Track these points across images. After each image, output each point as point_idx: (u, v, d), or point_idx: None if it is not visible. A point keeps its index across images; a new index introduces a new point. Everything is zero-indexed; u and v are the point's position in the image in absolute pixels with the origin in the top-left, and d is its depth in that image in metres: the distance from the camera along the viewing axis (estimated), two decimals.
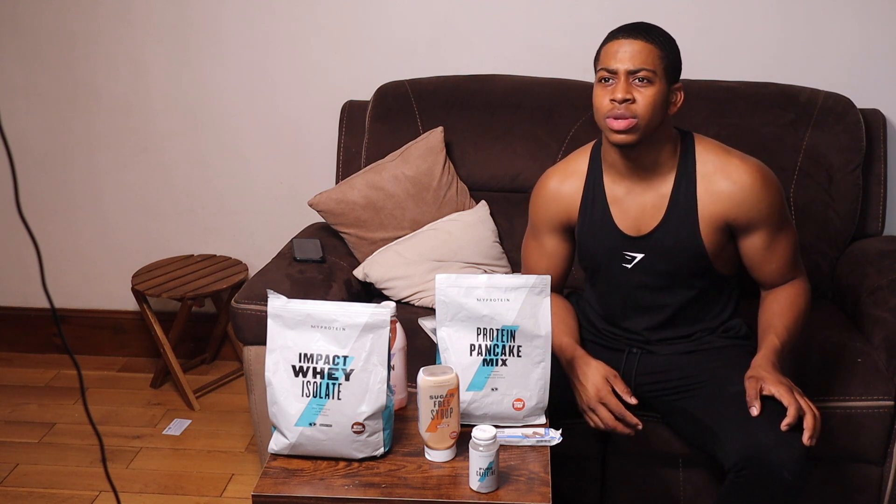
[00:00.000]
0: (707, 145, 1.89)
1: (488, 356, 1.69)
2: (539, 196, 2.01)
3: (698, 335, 1.96)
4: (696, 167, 1.86)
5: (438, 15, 2.77)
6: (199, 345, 3.17)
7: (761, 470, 1.67)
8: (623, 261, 1.92)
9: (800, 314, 1.89)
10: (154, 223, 3.10)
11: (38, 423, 2.82)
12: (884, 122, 2.51)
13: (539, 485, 1.56)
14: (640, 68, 1.75)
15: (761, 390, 1.72)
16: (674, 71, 1.81)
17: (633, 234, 1.90)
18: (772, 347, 1.81)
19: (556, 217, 1.98)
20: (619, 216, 1.91)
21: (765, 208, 1.84)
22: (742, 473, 1.70)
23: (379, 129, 2.63)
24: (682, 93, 1.85)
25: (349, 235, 2.53)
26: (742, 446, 1.70)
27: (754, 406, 1.71)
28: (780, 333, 1.84)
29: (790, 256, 1.91)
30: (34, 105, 3.01)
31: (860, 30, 2.60)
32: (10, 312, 3.24)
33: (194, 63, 2.91)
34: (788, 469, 1.65)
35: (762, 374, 1.75)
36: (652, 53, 1.76)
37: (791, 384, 1.74)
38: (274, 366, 1.62)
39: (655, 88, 1.76)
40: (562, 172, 1.99)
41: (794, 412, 1.67)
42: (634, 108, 1.75)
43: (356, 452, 1.61)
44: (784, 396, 1.69)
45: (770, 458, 1.66)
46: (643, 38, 1.76)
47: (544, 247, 2.02)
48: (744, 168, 1.84)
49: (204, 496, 2.46)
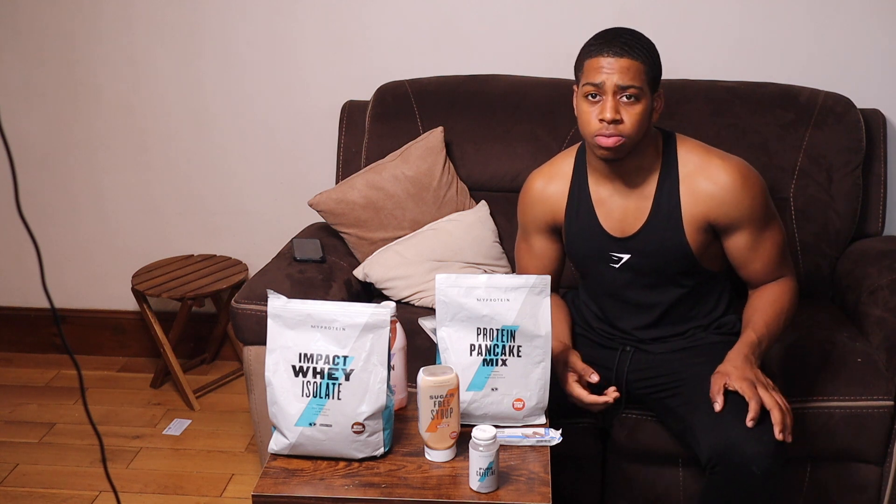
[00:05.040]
0: (689, 146, 1.89)
1: (488, 356, 1.69)
2: (525, 198, 2.02)
3: (691, 332, 1.97)
4: (679, 168, 1.86)
5: (438, 15, 2.77)
6: (199, 345, 3.17)
7: (731, 465, 1.68)
8: (610, 261, 1.93)
9: (782, 311, 1.88)
10: (154, 223, 3.10)
11: (38, 423, 2.82)
12: (884, 122, 2.51)
13: (539, 485, 1.56)
14: (629, 86, 1.74)
15: (726, 385, 1.73)
16: (656, 80, 1.80)
17: (619, 236, 1.91)
18: (746, 342, 1.82)
19: (543, 218, 1.99)
20: (604, 217, 1.91)
21: (746, 208, 1.83)
22: (715, 470, 1.71)
23: (379, 129, 2.63)
24: (662, 99, 1.84)
25: (349, 235, 2.53)
26: (714, 442, 1.71)
27: (717, 402, 1.72)
28: (759, 328, 1.84)
29: (776, 255, 1.90)
30: (34, 105, 3.01)
31: (860, 30, 2.60)
32: (10, 312, 3.24)
33: (194, 63, 2.91)
34: (757, 464, 1.66)
35: (729, 370, 1.75)
36: (639, 70, 1.74)
37: (758, 378, 1.73)
38: (274, 366, 1.62)
39: (642, 105, 1.76)
40: (547, 174, 2.00)
41: (756, 407, 1.67)
42: (622, 128, 1.75)
43: (356, 452, 1.61)
44: (746, 391, 1.70)
45: (739, 453, 1.67)
46: (628, 55, 1.74)
47: (534, 248, 2.04)
48: (724, 168, 1.84)
49: (204, 496, 2.46)
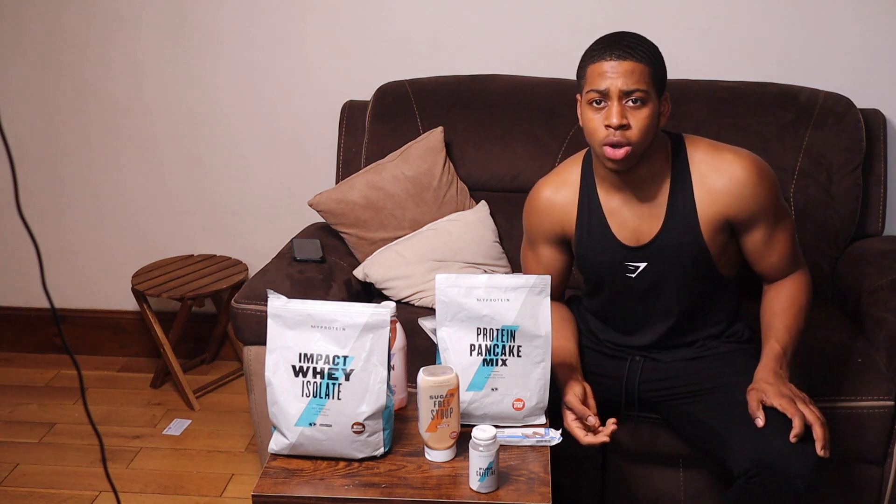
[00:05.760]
0: (697, 145, 1.86)
1: (488, 356, 1.69)
2: (533, 207, 1.97)
3: (702, 342, 1.95)
4: (690, 169, 1.83)
5: (438, 15, 2.77)
6: (199, 345, 3.17)
7: (774, 478, 1.65)
8: (626, 271, 1.89)
9: (800, 310, 1.87)
10: (154, 223, 3.10)
11: (38, 423, 2.82)
12: (884, 122, 2.51)
13: (539, 485, 1.56)
14: (634, 89, 1.70)
15: (763, 402, 1.70)
16: (662, 83, 1.76)
17: (634, 245, 1.87)
18: (772, 355, 1.79)
19: (552, 229, 1.95)
20: (617, 227, 1.88)
21: (763, 200, 1.82)
22: (754, 480, 1.67)
23: (379, 129, 2.63)
24: (669, 102, 1.81)
25: (349, 235, 2.53)
26: (755, 453, 1.67)
27: (758, 418, 1.68)
28: (781, 337, 1.82)
29: (790, 247, 1.89)
30: (34, 105, 3.01)
31: (860, 30, 2.60)
32: (10, 312, 3.24)
33: (194, 63, 2.91)
34: (802, 478, 1.63)
35: (763, 387, 1.72)
36: (643, 73, 1.70)
37: (794, 393, 1.71)
38: (274, 366, 1.62)
39: (649, 109, 1.72)
40: (554, 183, 1.95)
41: (800, 424, 1.64)
42: (630, 133, 1.70)
43: (356, 452, 1.61)
44: (787, 409, 1.67)
45: (783, 466, 1.64)
46: (632, 58, 1.70)
47: (541, 258, 1.99)
48: (737, 162, 1.81)
49: (204, 496, 2.46)
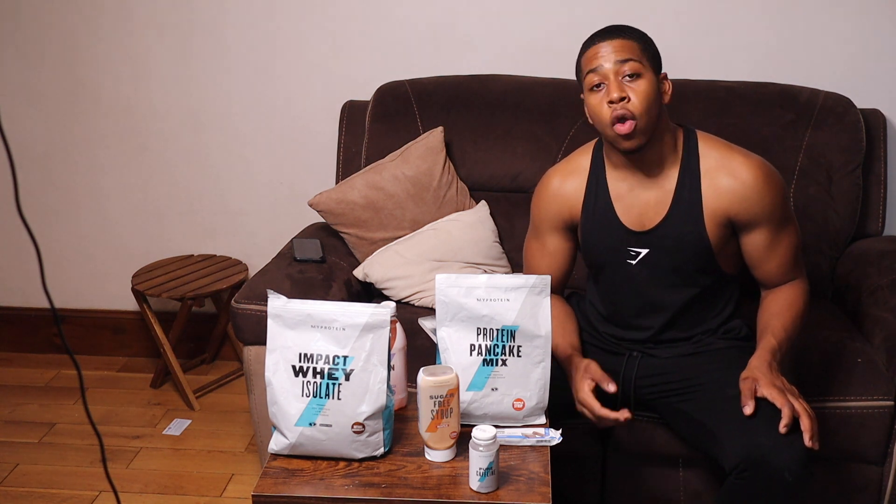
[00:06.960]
0: (710, 142, 1.89)
1: (488, 356, 1.69)
2: (541, 195, 2.01)
3: (699, 336, 1.96)
4: (700, 163, 1.86)
5: (438, 15, 2.77)
6: (199, 345, 3.17)
7: (762, 471, 1.67)
8: (628, 256, 1.92)
9: (798, 314, 1.89)
10: (154, 223, 3.10)
11: (38, 423, 2.82)
12: (884, 122, 2.51)
13: (539, 485, 1.56)
14: (627, 59, 1.77)
15: (755, 391, 1.72)
16: (656, 60, 1.83)
17: (637, 229, 1.90)
18: (768, 347, 1.81)
19: (559, 216, 1.98)
20: (622, 211, 1.91)
21: (767, 205, 1.84)
22: (743, 475, 1.69)
23: (379, 129, 2.63)
24: (669, 82, 1.87)
25: (349, 235, 2.53)
26: (743, 448, 1.69)
27: (748, 405, 1.71)
28: (778, 333, 1.84)
29: (791, 255, 1.91)
30: (34, 105, 3.01)
31: (860, 30, 2.60)
32: (10, 312, 3.24)
33: (195, 63, 2.91)
34: (790, 471, 1.65)
35: (757, 375, 1.75)
36: (634, 47, 1.80)
37: (785, 385, 1.73)
38: (274, 366, 1.62)
39: (646, 81, 1.78)
40: (563, 171, 2.00)
41: (789, 413, 1.67)
42: (631, 106, 1.76)
43: (356, 452, 1.61)
44: (777, 399, 1.69)
45: (771, 459, 1.66)
46: (620, 36, 1.80)
47: (546, 247, 2.02)
48: (747, 165, 1.84)
49: (204, 496, 2.46)
